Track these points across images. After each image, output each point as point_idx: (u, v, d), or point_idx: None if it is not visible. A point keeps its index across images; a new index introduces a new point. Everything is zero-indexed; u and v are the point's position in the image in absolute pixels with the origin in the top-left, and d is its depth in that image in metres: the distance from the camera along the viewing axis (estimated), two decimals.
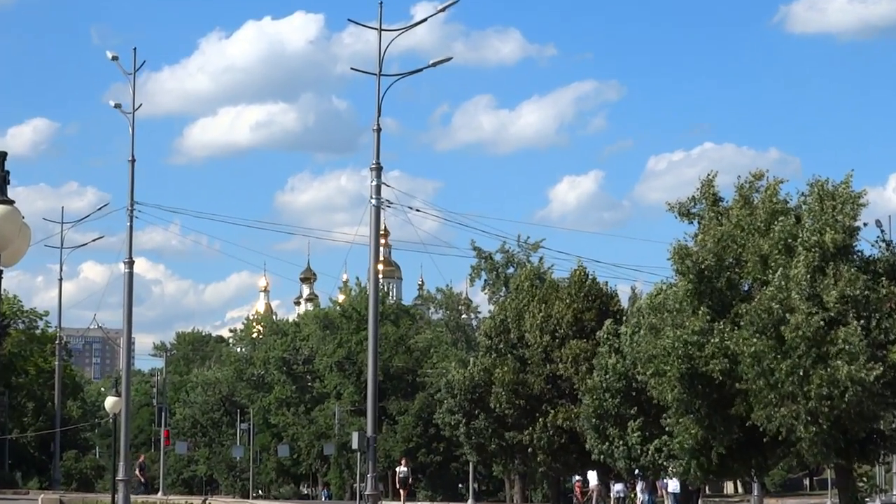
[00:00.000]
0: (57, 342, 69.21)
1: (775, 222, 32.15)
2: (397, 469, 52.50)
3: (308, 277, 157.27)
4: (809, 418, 30.38)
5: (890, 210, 58.55)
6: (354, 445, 35.66)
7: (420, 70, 36.29)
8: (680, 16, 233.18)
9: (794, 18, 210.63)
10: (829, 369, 29.85)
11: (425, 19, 37.50)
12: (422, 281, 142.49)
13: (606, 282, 47.77)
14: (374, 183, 34.69)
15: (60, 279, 67.98)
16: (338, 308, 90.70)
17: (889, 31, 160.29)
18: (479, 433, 47.06)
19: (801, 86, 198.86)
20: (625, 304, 47.91)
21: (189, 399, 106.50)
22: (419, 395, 74.70)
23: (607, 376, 37.96)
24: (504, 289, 62.04)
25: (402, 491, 51.74)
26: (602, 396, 38.14)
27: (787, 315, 30.26)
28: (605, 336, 39.09)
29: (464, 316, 79.47)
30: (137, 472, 59.14)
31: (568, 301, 44.91)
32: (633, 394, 37.50)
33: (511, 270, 63.25)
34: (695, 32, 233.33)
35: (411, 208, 37.93)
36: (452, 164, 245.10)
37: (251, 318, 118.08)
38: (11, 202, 15.19)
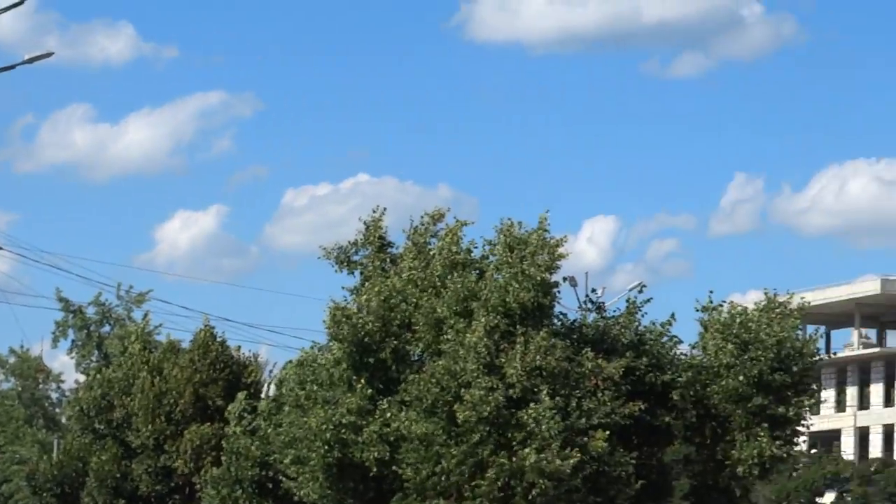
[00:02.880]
0: None
1: (452, 276, 32.79)
2: None
3: None
4: None
5: (585, 265, 59.59)
6: None
7: (12, 66, 35.05)
8: (329, 17, 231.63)
9: (479, 23, 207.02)
10: (512, 458, 30.52)
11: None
12: None
13: (239, 346, 47.25)
14: None
15: None
16: None
17: (592, 42, 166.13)
18: None
19: (482, 105, 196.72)
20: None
21: None
22: None
23: (238, 463, 37.43)
24: (97, 352, 60.75)
25: None
26: (231, 489, 37.52)
27: (463, 391, 30.82)
28: (238, 413, 38.68)
29: (41, 385, 76.42)
30: None
31: (189, 372, 44.13)
32: (271, 486, 37.10)
33: (107, 329, 61.95)
34: (349, 37, 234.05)
35: None
36: (36, 192, 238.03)
37: None
38: None
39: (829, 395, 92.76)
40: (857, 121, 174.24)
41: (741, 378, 33.10)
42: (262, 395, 40.59)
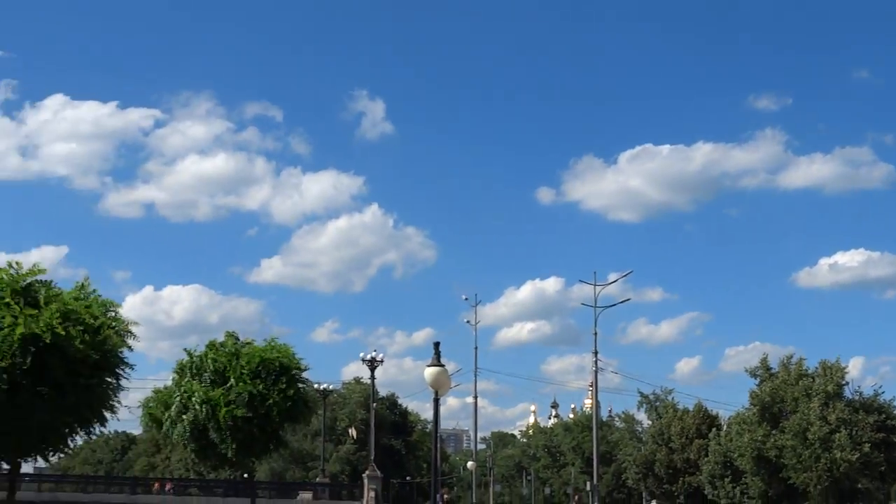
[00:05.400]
0: None
1: (800, 381, 76.13)
2: None
3: None
4: (818, 480, 73.87)
5: (853, 376, 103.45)
6: None
7: None
8: None
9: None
10: (831, 454, 73.10)
11: None
12: None
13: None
14: None
15: None
16: None
17: None
18: None
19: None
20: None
21: None
22: None
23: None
24: None
25: None
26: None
27: (809, 426, 73.74)
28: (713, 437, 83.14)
29: None
30: None
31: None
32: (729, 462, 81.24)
33: None
34: None
35: None
36: None
37: None
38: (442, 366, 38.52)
39: None
40: None
41: None
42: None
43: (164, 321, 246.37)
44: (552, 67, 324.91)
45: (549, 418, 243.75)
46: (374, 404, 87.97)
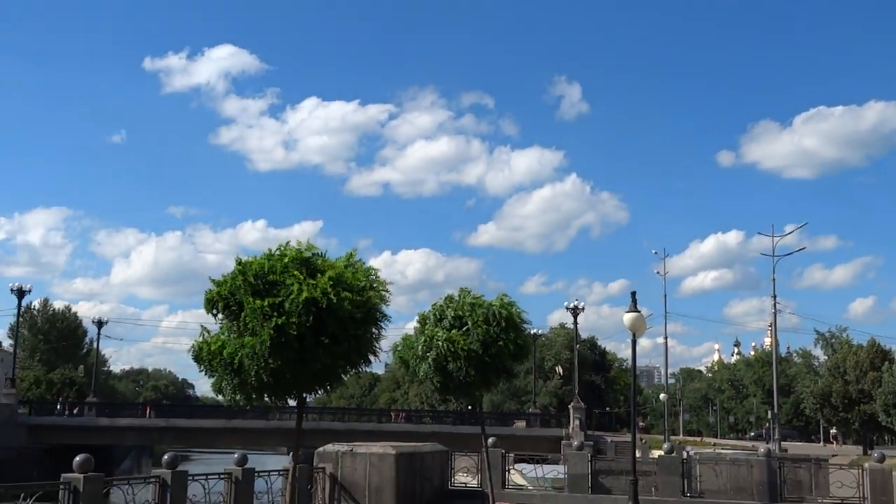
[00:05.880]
0: None
1: None
2: None
3: None
4: None
5: None
6: None
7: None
8: None
9: None
10: None
11: None
12: None
13: None
14: None
15: None
16: None
17: None
18: None
19: None
20: None
21: None
22: None
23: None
24: None
25: None
26: None
27: None
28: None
29: None
30: None
31: None
32: None
33: None
34: None
35: None
36: None
37: None
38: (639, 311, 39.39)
39: None
40: None
41: None
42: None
43: (399, 280, 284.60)
44: (730, 43, 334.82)
45: (732, 356, 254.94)
46: (577, 346, 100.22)
